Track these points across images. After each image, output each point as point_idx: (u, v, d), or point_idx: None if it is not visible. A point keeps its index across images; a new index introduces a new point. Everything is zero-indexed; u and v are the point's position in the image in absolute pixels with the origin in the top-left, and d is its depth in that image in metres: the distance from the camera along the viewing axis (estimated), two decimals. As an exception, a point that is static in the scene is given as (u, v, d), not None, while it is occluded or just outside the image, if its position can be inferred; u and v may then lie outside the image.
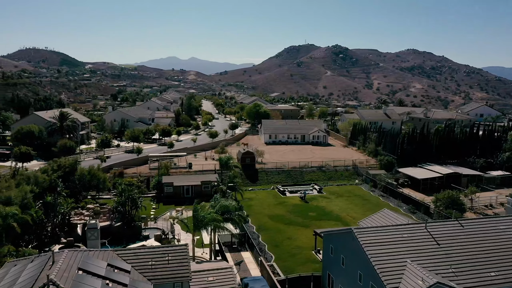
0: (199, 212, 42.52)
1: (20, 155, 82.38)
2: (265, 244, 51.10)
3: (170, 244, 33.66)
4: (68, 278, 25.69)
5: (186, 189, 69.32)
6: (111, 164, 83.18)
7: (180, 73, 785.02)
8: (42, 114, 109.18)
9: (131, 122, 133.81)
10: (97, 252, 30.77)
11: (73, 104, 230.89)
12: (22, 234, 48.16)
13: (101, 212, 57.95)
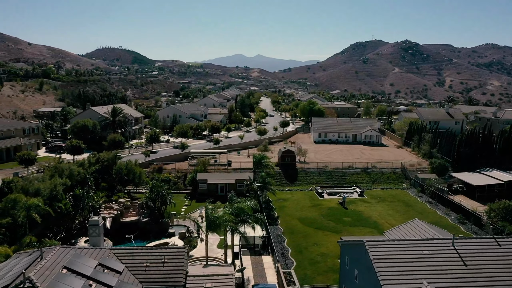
0: (211, 212, 40.87)
1: (72, 148, 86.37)
2: (288, 249, 48.42)
3: (169, 246, 32.45)
4: (48, 276, 25.17)
5: (221, 187, 68.26)
6: (152, 159, 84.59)
7: (244, 71, 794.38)
8: (97, 109, 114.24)
9: (183, 118, 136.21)
10: (91, 250, 30.21)
11: (136, 100, 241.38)
12: (51, 225, 49.84)
13: (131, 207, 58.53)
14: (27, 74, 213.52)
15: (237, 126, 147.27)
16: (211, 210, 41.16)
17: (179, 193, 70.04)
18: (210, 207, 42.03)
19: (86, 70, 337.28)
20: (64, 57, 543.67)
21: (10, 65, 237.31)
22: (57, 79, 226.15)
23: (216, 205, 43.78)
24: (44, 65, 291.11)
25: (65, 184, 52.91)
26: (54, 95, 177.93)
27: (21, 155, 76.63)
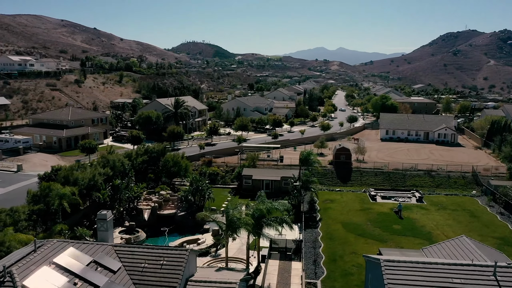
0: (232, 213, 38.46)
1: (132, 138, 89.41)
2: (322, 256, 44.51)
3: (171, 247, 30.70)
4: (33, 271, 24.65)
5: (266, 184, 65.68)
6: (206, 151, 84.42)
7: (323, 64, 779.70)
8: (162, 101, 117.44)
9: (247, 111, 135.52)
10: (90, 245, 29.40)
11: (209, 93, 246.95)
12: (89, 214, 51.04)
13: (170, 199, 58.31)
14: (111, 67, 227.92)
15: (303, 120, 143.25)
16: (231, 211, 38.78)
17: (224, 187, 68.80)
18: (230, 207, 39.63)
19: (168, 64, 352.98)
20: (150, 51, 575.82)
21: (97, 59, 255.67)
22: (139, 72, 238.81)
23: (239, 204, 41.29)
24: (128, 59, 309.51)
25: (107, 174, 53.96)
26: (132, 87, 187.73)
27: (83, 144, 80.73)
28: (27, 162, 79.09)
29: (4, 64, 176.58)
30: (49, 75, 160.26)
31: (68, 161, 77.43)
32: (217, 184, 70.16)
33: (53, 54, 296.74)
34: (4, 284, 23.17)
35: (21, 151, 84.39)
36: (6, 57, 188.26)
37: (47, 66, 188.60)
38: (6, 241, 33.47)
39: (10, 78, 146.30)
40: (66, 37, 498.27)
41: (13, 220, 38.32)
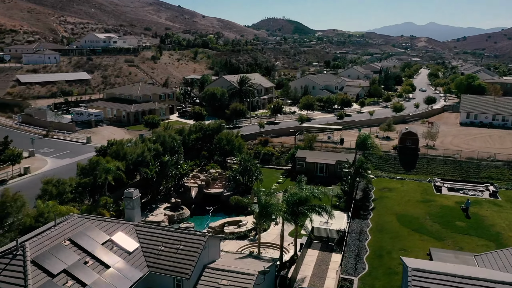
0: (265, 198, 36.36)
1: (195, 114, 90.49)
2: (367, 250, 40.98)
3: (191, 232, 29.49)
4: (47, 246, 24.92)
5: (320, 167, 62.46)
6: (266, 130, 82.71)
7: (409, 40, 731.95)
8: (228, 77, 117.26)
9: (316, 90, 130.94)
10: (110, 223, 29.28)
11: (283, 70, 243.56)
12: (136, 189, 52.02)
13: (219, 178, 57.70)
14: (189, 44, 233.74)
15: (376, 100, 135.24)
16: (265, 195, 36.71)
17: (277, 169, 66.78)
18: (262, 191, 37.52)
19: (244, 40, 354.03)
20: (230, 28, 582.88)
21: (175, 36, 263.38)
22: (214, 48, 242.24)
23: (275, 189, 39.00)
24: (206, 35, 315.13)
25: (157, 149, 54.54)
26: (205, 64, 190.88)
27: (146, 119, 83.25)
28: (96, 135, 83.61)
29: (91, 41, 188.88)
30: (129, 52, 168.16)
31: (133, 135, 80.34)
32: (271, 164, 68.35)
33: (138, 31, 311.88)
34: (16, 257, 23.58)
35: (93, 124, 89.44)
36: (93, 34, 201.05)
37: (129, 43, 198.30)
38: (45, 212, 34.79)
39: (95, 54, 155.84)
40: (151, 15, 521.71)
41: (58, 191, 39.92)
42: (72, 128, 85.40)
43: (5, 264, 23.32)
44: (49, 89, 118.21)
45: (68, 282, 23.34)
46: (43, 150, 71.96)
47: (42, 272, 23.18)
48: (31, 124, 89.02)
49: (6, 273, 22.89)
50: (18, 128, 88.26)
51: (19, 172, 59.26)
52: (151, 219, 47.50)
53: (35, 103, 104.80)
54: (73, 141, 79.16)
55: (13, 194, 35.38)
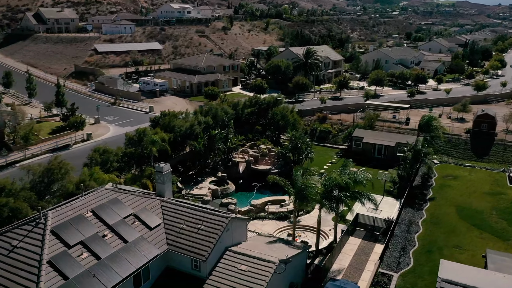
0: (302, 180, 34.18)
1: (255, 87, 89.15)
2: (415, 244, 37.43)
3: (214, 212, 28.31)
4: (69, 216, 25.35)
5: (378, 149, 58.29)
6: (325, 106, 79.15)
7: (508, 9, 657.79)
8: (295, 49, 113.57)
9: (388, 64, 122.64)
10: (137, 197, 29.18)
11: (358, 42, 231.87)
12: (184, 161, 52.39)
13: (268, 155, 56.14)
14: (262, 15, 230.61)
15: (457, 77, 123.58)
16: (301, 176, 34.55)
17: (333, 147, 63.66)
18: (299, 170, 35.29)
19: (320, 11, 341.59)
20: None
21: (249, 6, 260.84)
22: (288, 19, 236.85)
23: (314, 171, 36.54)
24: (281, 5, 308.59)
25: (207, 122, 54.17)
26: (276, 35, 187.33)
27: (206, 90, 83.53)
28: (159, 104, 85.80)
29: (166, 12, 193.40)
30: (201, 22, 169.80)
31: (194, 106, 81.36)
32: (327, 142, 65.33)
33: (214, 1, 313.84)
34: (38, 226, 24.23)
35: (158, 93, 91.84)
36: (169, 5, 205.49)
37: (203, 13, 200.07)
38: (86, 180, 35.92)
39: (168, 24, 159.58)
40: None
41: (103, 160, 41.06)
42: (138, 97, 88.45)
43: (27, 231, 24.11)
44: (123, 58, 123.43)
45: (83, 254, 23.57)
46: (108, 118, 75.40)
47: (60, 242, 23.62)
48: (103, 92, 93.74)
49: (27, 240, 23.64)
50: (91, 96, 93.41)
51: (82, 138, 62.59)
52: (195, 192, 47.63)
53: (108, 71, 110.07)
54: (137, 110, 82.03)
55: (59, 161, 36.92)
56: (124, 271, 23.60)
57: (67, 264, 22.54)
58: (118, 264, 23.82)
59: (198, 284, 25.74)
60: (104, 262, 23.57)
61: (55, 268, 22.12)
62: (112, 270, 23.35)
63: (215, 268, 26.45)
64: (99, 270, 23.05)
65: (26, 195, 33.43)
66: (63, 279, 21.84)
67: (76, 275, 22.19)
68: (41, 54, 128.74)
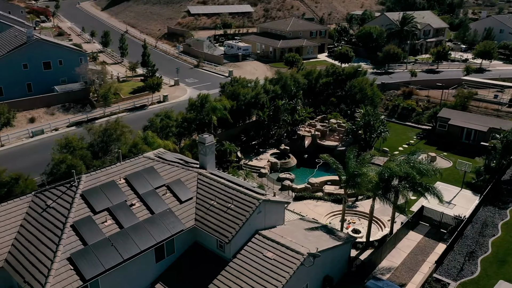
0: (354, 164, 30.73)
1: (340, 55, 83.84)
2: (488, 250, 32.20)
3: (247, 192, 26.38)
4: (101, 182, 25.57)
5: (467, 133, 51.12)
6: (415, 80, 71.57)
7: None
8: (391, 15, 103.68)
9: (504, 33, 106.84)
10: (174, 168, 28.51)
11: (474, 7, 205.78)
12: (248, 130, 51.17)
13: (337, 130, 52.38)
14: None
15: None
16: (354, 159, 31.12)
17: (414, 127, 57.55)
18: (352, 155, 31.76)
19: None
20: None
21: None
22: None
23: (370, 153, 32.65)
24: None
25: (275, 91, 51.92)
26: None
27: (287, 57, 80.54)
28: (240, 69, 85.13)
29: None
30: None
31: (274, 72, 79.17)
32: (409, 121, 59.23)
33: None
34: (71, 188, 24.82)
35: (240, 58, 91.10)
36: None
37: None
38: (139, 144, 36.48)
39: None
40: None
41: (162, 124, 41.38)
42: (220, 61, 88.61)
43: (61, 192, 24.84)
44: (214, 20, 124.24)
45: (107, 221, 23.69)
46: (187, 80, 76.77)
47: (87, 207, 23.95)
48: (189, 54, 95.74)
49: (59, 201, 24.36)
50: (178, 57, 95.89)
51: (158, 99, 64.48)
52: (254, 164, 46.46)
53: (197, 34, 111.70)
54: (217, 74, 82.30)
55: (116, 123, 37.90)
56: (144, 244, 23.31)
57: (89, 230, 22.79)
58: (140, 235, 23.56)
59: (221, 264, 24.71)
60: (126, 232, 23.46)
61: (77, 233, 22.51)
62: (132, 241, 23.17)
63: (240, 251, 25.11)
64: (119, 239, 23.00)
65: (83, 153, 34.92)
66: (82, 244, 22.16)
67: (95, 242, 22.36)
68: (140, 15, 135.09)
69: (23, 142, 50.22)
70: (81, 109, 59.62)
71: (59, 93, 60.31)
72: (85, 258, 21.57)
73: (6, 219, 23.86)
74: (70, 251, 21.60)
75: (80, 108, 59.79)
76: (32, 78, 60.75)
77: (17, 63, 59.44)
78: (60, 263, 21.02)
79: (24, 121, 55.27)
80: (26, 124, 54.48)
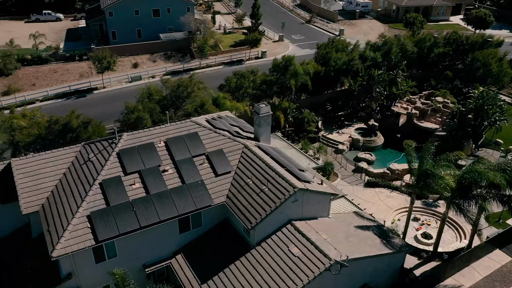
0: (429, 162, 25.31)
1: (475, 19, 71.35)
2: None
3: (286, 175, 23.14)
4: (140, 142, 25.12)
5: None
6: None
7: None
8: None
9: None
10: (219, 137, 26.75)
11: None
12: (336, 99, 46.83)
13: (441, 111, 44.73)
14: None
15: None
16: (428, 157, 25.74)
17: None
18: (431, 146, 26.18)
19: None
20: None
21: None
22: None
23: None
24: None
25: (374, 58, 46.00)
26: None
27: (407, 17, 71.12)
28: (353, 28, 78.28)
29: None
30: None
31: (392, 34, 70.87)
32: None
33: None
34: (111, 145, 24.97)
35: (357, 15, 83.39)
36: None
37: None
38: (206, 103, 35.52)
39: None
40: None
41: (236, 85, 39.69)
42: (334, 17, 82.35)
43: (102, 148, 25.10)
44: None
45: (135, 184, 23.30)
46: (294, 36, 73.06)
47: (119, 166, 23.79)
48: (305, 8, 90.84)
49: (98, 156, 24.61)
50: (292, 11, 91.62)
51: (256, 55, 62.65)
52: (333, 137, 42.57)
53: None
54: (327, 31, 76.73)
55: (189, 79, 37.30)
56: (165, 214, 22.50)
57: (115, 190, 22.64)
58: (163, 204, 22.77)
59: (245, 249, 22.97)
60: (151, 198, 22.85)
61: (103, 191, 22.56)
62: (154, 209, 22.51)
63: (267, 239, 22.92)
64: (142, 205, 22.51)
65: (152, 106, 35.26)
66: (105, 204, 22.16)
67: (117, 203, 22.19)
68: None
69: (121, 86, 53.40)
70: (181, 59, 60.90)
71: (163, 41, 62.24)
72: (103, 219, 21.59)
73: (53, 166, 24.89)
74: (91, 209, 21.78)
75: (180, 58, 61.13)
76: (142, 24, 63.50)
77: (130, 9, 62.38)
78: (80, 219, 21.35)
79: (128, 65, 58.60)
80: (130, 69, 57.71)
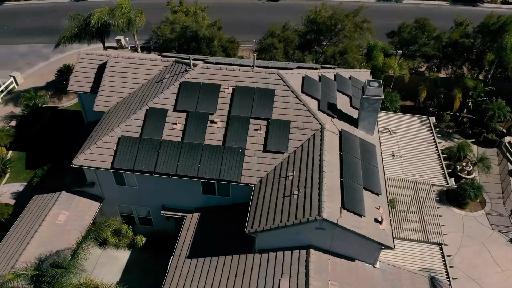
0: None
1: None
2: None
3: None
4: (208, 80, 21.84)
5: None
6: None
7: None
8: None
9: None
10: (299, 106, 20.84)
11: None
12: None
13: None
14: None
15: None
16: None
17: None
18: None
19: None
20: None
21: None
22: None
23: None
24: None
25: None
26: None
27: None
28: None
29: None
30: None
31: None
32: None
33: None
34: (184, 71, 22.89)
35: None
36: None
37: None
38: (349, 51, 28.25)
39: None
40: None
41: (412, 36, 29.95)
42: None
43: (179, 72, 22.90)
44: None
45: (176, 125, 20.93)
46: None
47: (174, 99, 21.51)
48: None
49: (170, 80, 22.66)
50: None
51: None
52: None
53: None
54: None
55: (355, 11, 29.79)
56: (183, 169, 19.97)
57: (153, 123, 20.90)
58: (187, 158, 20.16)
59: (245, 249, 18.82)
60: (180, 146, 20.44)
61: (144, 119, 21.06)
62: (177, 159, 20.16)
63: (271, 252, 18.15)
64: (169, 149, 20.43)
65: (289, 36, 30.21)
66: (139, 133, 20.84)
67: (148, 137, 20.66)
68: None
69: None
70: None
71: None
72: (128, 147, 20.63)
73: (139, 73, 24.29)
74: (124, 133, 20.96)
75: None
76: None
77: None
78: (111, 138, 20.90)
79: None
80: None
